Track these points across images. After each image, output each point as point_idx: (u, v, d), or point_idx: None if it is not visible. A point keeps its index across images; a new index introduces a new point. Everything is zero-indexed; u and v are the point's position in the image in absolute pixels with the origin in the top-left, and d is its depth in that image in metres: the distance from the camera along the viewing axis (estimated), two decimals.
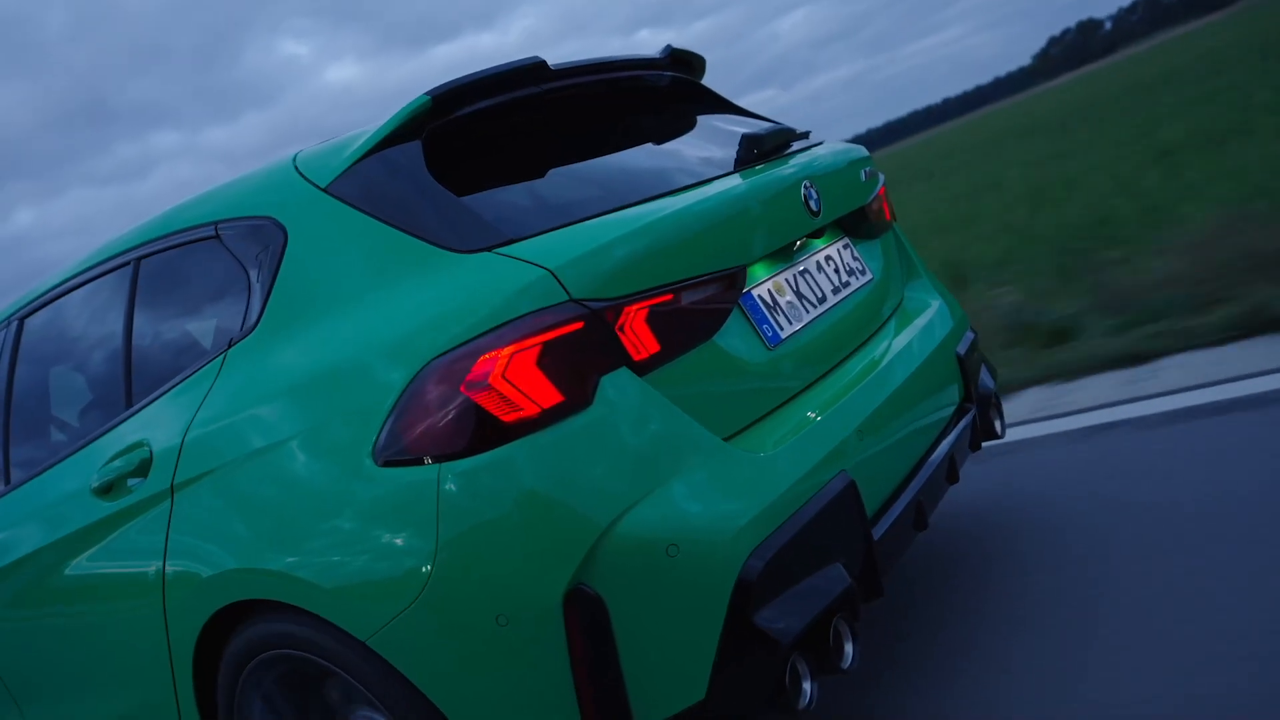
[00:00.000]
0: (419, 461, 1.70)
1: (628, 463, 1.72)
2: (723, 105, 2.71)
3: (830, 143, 2.70)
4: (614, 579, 1.67)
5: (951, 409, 2.50)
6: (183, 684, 2.11)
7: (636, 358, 1.78)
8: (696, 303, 1.91)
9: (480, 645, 1.68)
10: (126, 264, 2.40)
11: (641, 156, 2.31)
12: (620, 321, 1.78)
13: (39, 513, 2.44)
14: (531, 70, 2.12)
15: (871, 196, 2.64)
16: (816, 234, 2.36)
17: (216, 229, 2.18)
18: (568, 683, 1.67)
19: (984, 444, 2.70)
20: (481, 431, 1.67)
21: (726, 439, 1.87)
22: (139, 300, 2.36)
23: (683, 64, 2.64)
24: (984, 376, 2.71)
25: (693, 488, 1.74)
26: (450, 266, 1.81)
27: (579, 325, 1.72)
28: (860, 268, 2.51)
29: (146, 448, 2.14)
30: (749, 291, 2.08)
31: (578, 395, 1.71)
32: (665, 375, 1.82)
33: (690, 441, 1.78)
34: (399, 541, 1.71)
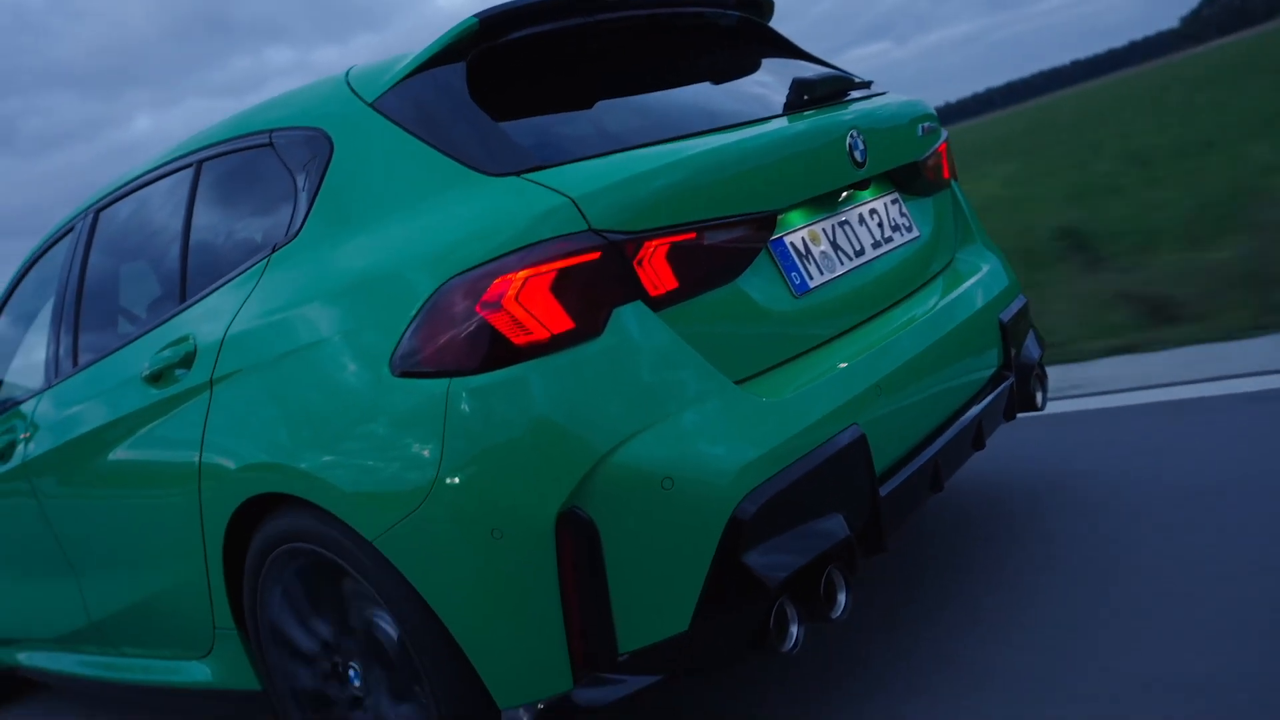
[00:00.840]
0: (431, 375, 1.76)
1: (632, 394, 1.74)
2: (786, 49, 2.67)
3: (894, 95, 2.63)
4: (608, 505, 1.71)
5: (987, 374, 2.46)
6: (214, 568, 2.24)
7: (653, 293, 1.80)
8: (721, 244, 1.91)
9: (474, 556, 1.74)
10: (190, 165, 2.51)
11: (687, 94, 2.29)
12: (640, 255, 1.79)
13: (99, 395, 2.59)
14: None
15: (928, 153, 2.57)
16: (863, 185, 2.33)
17: (271, 137, 2.25)
18: (555, 600, 1.72)
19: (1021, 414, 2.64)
20: (492, 351, 1.72)
21: (740, 381, 1.88)
22: (198, 201, 2.46)
23: (748, 3, 2.60)
24: (1029, 345, 2.65)
25: (696, 425, 1.76)
26: (480, 187, 1.84)
27: (596, 255, 1.74)
28: (908, 224, 2.46)
29: (192, 341, 2.25)
30: (780, 238, 2.07)
31: (588, 324, 1.74)
32: (682, 313, 1.84)
33: (699, 380, 1.80)
34: (407, 450, 1.77)
